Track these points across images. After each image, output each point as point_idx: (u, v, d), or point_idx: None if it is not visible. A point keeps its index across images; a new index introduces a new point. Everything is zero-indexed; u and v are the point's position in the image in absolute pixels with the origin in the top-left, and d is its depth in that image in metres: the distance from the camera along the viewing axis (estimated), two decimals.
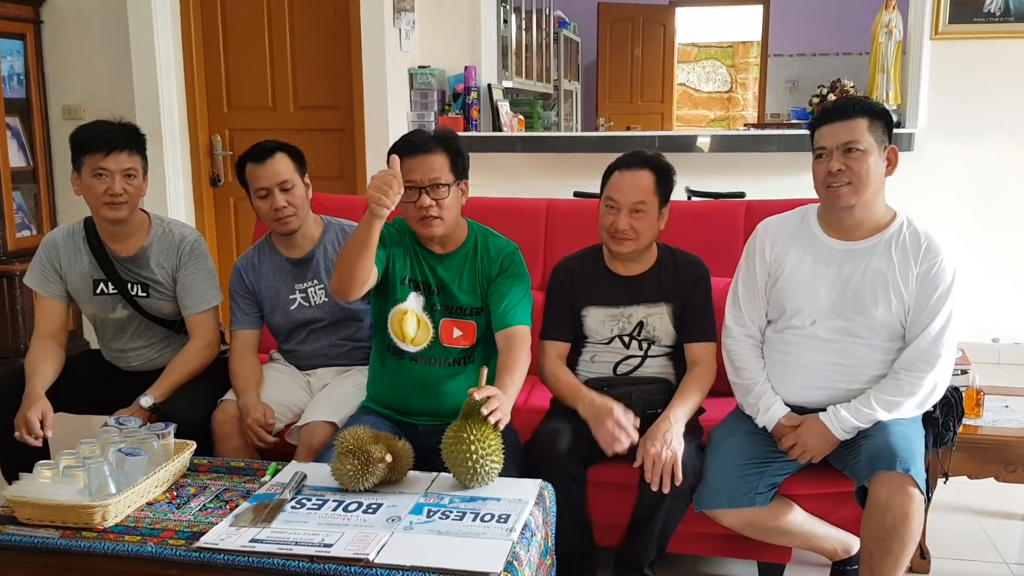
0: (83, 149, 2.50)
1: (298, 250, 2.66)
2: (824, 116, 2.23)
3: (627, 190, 2.32)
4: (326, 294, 2.64)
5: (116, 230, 2.60)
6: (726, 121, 11.59)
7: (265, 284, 2.67)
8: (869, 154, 2.16)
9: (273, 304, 2.67)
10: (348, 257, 2.17)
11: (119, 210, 2.52)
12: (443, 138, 2.30)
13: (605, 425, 2.17)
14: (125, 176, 2.51)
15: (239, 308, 2.66)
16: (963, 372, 2.68)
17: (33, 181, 4.63)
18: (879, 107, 2.23)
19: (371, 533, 1.77)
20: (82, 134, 2.53)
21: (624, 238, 2.32)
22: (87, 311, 2.71)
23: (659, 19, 8.98)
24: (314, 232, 2.68)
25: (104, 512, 1.83)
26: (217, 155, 4.67)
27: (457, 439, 1.95)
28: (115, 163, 2.49)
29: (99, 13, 4.57)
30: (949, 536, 2.78)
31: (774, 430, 2.25)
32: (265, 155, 2.57)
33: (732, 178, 4.33)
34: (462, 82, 4.73)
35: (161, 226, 2.66)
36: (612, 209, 2.34)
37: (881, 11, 4.61)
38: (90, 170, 2.49)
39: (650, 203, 2.32)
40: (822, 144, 2.21)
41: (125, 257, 2.62)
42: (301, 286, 2.65)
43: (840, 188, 2.18)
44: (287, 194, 2.56)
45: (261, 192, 2.57)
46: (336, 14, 4.43)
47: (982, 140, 4.48)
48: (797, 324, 2.28)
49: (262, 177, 2.56)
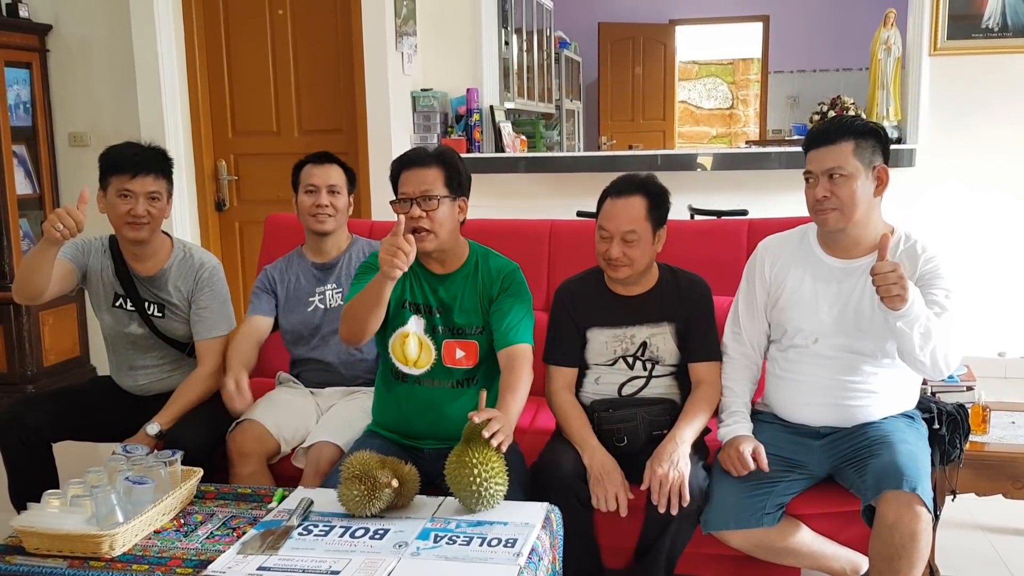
0: (111, 170, 2.57)
1: (325, 256, 2.80)
2: (811, 140, 2.25)
3: (618, 218, 2.32)
4: (343, 299, 2.69)
5: (138, 250, 2.66)
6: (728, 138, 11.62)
7: (289, 284, 2.78)
8: (854, 178, 2.17)
9: (293, 303, 2.75)
10: (360, 312, 2.21)
11: (140, 231, 2.58)
12: (440, 154, 2.33)
13: (604, 486, 2.20)
14: (149, 199, 2.57)
15: (257, 300, 2.77)
16: (969, 388, 2.67)
17: (39, 208, 4.66)
18: (867, 127, 2.22)
19: (378, 559, 1.77)
20: (112, 155, 2.60)
21: (619, 265, 2.34)
22: (104, 320, 2.74)
23: (659, 38, 9.03)
24: (343, 243, 2.83)
25: (112, 541, 1.84)
26: (222, 180, 4.70)
27: (460, 463, 1.95)
28: (140, 186, 2.55)
29: (105, 41, 4.61)
30: (958, 554, 2.76)
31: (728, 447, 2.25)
32: (325, 160, 2.79)
33: (734, 196, 4.35)
34: (464, 104, 4.76)
35: (183, 250, 2.72)
36: (605, 239, 2.35)
37: (880, 28, 4.64)
38: (116, 190, 2.56)
39: (642, 230, 2.32)
40: (809, 169, 2.23)
41: (145, 276, 2.67)
42: (321, 288, 2.75)
43: (827, 213, 2.20)
44: (332, 196, 2.73)
45: (311, 187, 2.73)
46: (339, 39, 4.47)
47: (983, 154, 4.49)
48: (800, 343, 2.29)
49: (316, 175, 2.74)
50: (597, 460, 2.24)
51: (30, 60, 4.57)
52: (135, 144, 2.63)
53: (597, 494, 2.20)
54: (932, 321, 2.07)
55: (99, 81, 4.67)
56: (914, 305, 2.03)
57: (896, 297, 2.01)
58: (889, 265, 2.03)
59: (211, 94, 4.65)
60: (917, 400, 2.35)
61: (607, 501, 2.19)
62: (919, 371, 2.22)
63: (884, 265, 2.03)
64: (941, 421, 2.32)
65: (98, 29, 4.62)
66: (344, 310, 2.29)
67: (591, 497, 2.21)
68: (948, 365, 2.14)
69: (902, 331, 2.06)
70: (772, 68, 9.00)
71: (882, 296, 2.03)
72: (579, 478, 2.23)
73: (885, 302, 2.04)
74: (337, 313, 2.67)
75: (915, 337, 2.06)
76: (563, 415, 2.38)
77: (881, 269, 2.03)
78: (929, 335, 2.07)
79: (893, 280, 2.01)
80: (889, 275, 2.01)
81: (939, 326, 2.08)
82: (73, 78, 4.70)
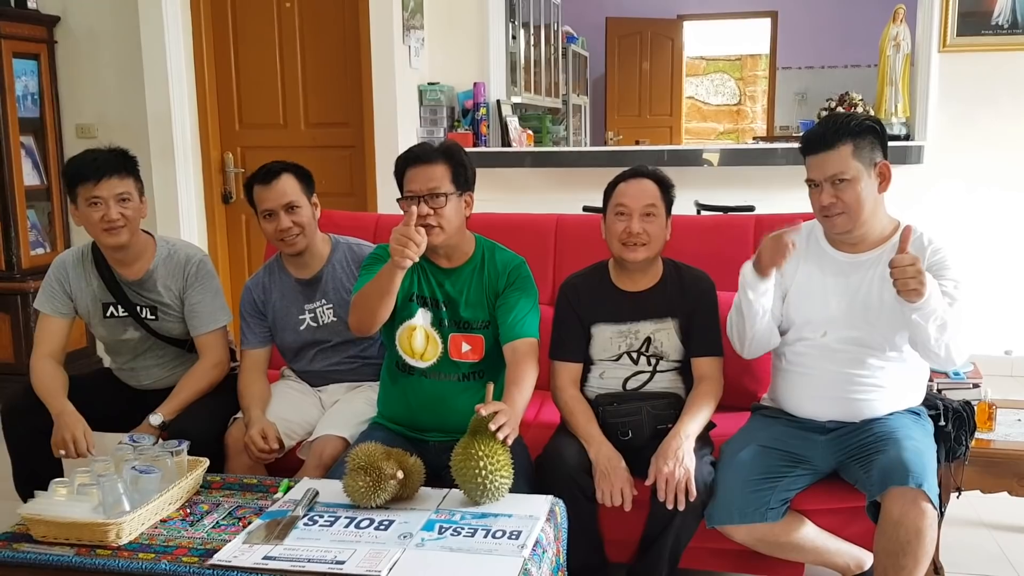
0: (74, 181, 2.52)
1: (307, 270, 2.67)
2: (808, 145, 2.24)
3: (637, 195, 2.36)
4: (334, 314, 2.64)
5: (121, 255, 2.61)
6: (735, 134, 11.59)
7: (275, 304, 2.68)
8: (858, 181, 2.16)
9: (283, 324, 2.67)
10: (370, 301, 2.21)
11: (118, 235, 2.53)
12: (445, 149, 2.32)
13: (609, 480, 2.20)
14: (119, 201, 2.51)
15: (249, 328, 2.68)
16: (975, 386, 2.67)
17: (47, 199, 4.68)
18: (863, 125, 2.20)
19: (383, 550, 1.78)
20: (72, 167, 2.54)
21: (638, 243, 2.33)
22: (99, 333, 2.73)
23: (667, 33, 9.00)
24: (323, 252, 2.68)
25: (118, 530, 1.85)
26: (229, 172, 4.70)
27: (466, 455, 1.96)
28: (107, 190, 2.49)
29: (112, 33, 4.62)
30: (963, 551, 2.76)
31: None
32: (271, 176, 2.57)
33: (741, 192, 4.33)
34: (471, 98, 4.76)
35: (166, 247, 2.67)
36: (623, 216, 2.35)
37: (889, 24, 4.62)
38: (84, 200, 2.50)
39: (659, 207, 2.36)
40: (811, 175, 2.23)
41: (132, 281, 2.63)
42: (310, 306, 2.66)
43: (834, 218, 2.21)
44: (292, 214, 2.56)
45: (266, 213, 2.57)
46: (346, 32, 4.46)
47: (991, 152, 4.47)
48: (808, 335, 2.29)
49: (267, 199, 2.56)
50: (603, 454, 2.24)
51: (38, 51, 4.58)
52: (94, 150, 2.56)
53: (602, 488, 2.20)
54: (948, 313, 2.07)
55: (106, 73, 4.68)
56: (931, 298, 2.03)
57: (913, 291, 2.01)
58: (908, 258, 2.02)
59: (218, 86, 4.66)
60: (923, 397, 2.35)
61: (612, 495, 2.19)
62: (931, 362, 2.23)
63: (904, 258, 2.03)
64: (947, 418, 2.32)
65: (106, 21, 4.63)
66: (353, 299, 2.29)
67: (595, 491, 2.21)
68: (961, 355, 2.14)
69: (917, 323, 2.06)
70: (780, 64, 8.97)
71: (899, 289, 2.03)
72: (583, 472, 2.23)
73: (902, 295, 2.03)
74: (332, 327, 2.65)
75: (931, 329, 2.06)
76: (568, 410, 2.38)
77: (900, 262, 2.02)
78: (944, 327, 2.07)
79: (911, 274, 2.00)
80: (908, 268, 2.00)
81: (953, 317, 2.08)
82: (81, 70, 4.71)
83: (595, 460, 2.24)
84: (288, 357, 2.77)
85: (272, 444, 2.41)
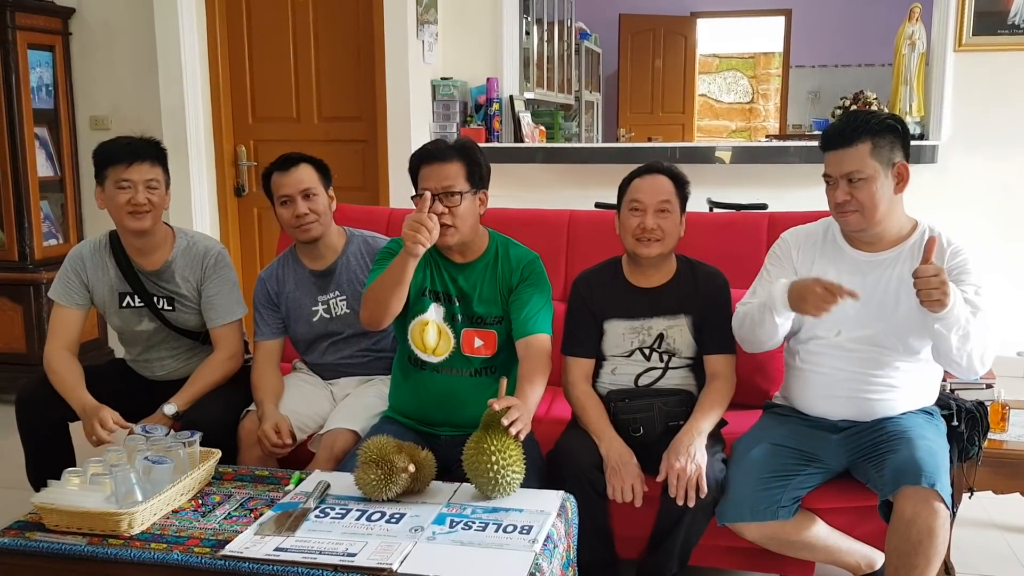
0: (107, 162, 2.55)
1: (321, 261, 2.68)
2: (827, 142, 2.23)
3: (651, 191, 2.35)
4: (347, 306, 2.65)
5: (141, 244, 2.62)
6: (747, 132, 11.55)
7: (288, 295, 2.68)
8: (874, 180, 2.15)
9: (296, 315, 2.68)
10: (383, 292, 2.20)
11: (143, 220, 2.55)
12: (460, 147, 2.31)
13: (620, 476, 2.20)
14: (148, 187, 2.55)
15: (262, 319, 2.69)
16: (988, 386, 2.65)
17: (60, 191, 4.69)
18: (883, 123, 2.18)
19: (394, 543, 1.78)
20: (106, 148, 2.58)
21: (652, 239, 2.33)
22: (113, 323, 2.74)
23: (680, 30, 8.98)
24: (337, 244, 2.70)
25: (131, 520, 1.85)
26: (242, 166, 4.71)
27: (478, 450, 1.96)
28: (138, 174, 2.53)
29: (127, 26, 4.63)
30: (974, 552, 2.75)
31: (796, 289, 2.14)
32: (290, 164, 2.62)
33: (754, 190, 4.32)
34: (484, 93, 4.75)
35: (185, 239, 2.69)
36: (637, 211, 2.35)
37: (904, 23, 4.59)
38: (113, 182, 2.53)
39: (674, 203, 2.36)
40: (828, 172, 2.22)
41: (151, 271, 2.65)
42: (324, 297, 2.67)
43: (848, 215, 2.19)
44: (309, 201, 2.59)
45: (284, 199, 2.60)
46: (360, 26, 4.47)
47: (1006, 152, 4.45)
48: (822, 334, 2.28)
49: (285, 184, 2.59)
50: (614, 451, 2.24)
51: (53, 43, 4.60)
52: (127, 136, 2.61)
53: (613, 484, 2.20)
54: (971, 323, 2.05)
55: (121, 65, 4.69)
56: (954, 308, 2.01)
57: (936, 302, 1.99)
58: (932, 269, 2.00)
59: (231, 80, 4.66)
60: (936, 397, 2.34)
61: (623, 492, 2.19)
62: (953, 371, 2.20)
63: (927, 268, 2.01)
64: (960, 418, 2.31)
65: (120, 13, 4.64)
66: (365, 293, 2.29)
67: (607, 487, 2.21)
68: (984, 364, 2.12)
69: (940, 333, 2.05)
70: (793, 62, 8.94)
71: (922, 300, 2.01)
72: (595, 467, 2.23)
73: (925, 305, 2.02)
74: (345, 319, 2.66)
75: (953, 339, 2.05)
76: (580, 406, 2.38)
77: (924, 272, 2.00)
78: (967, 337, 2.05)
79: (935, 284, 1.98)
80: (932, 279, 1.99)
81: (976, 327, 2.06)
82: (95, 62, 4.72)
83: (606, 456, 2.24)
84: (301, 349, 2.77)
85: (285, 439, 2.42)
